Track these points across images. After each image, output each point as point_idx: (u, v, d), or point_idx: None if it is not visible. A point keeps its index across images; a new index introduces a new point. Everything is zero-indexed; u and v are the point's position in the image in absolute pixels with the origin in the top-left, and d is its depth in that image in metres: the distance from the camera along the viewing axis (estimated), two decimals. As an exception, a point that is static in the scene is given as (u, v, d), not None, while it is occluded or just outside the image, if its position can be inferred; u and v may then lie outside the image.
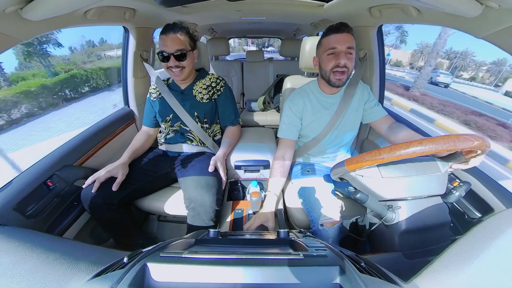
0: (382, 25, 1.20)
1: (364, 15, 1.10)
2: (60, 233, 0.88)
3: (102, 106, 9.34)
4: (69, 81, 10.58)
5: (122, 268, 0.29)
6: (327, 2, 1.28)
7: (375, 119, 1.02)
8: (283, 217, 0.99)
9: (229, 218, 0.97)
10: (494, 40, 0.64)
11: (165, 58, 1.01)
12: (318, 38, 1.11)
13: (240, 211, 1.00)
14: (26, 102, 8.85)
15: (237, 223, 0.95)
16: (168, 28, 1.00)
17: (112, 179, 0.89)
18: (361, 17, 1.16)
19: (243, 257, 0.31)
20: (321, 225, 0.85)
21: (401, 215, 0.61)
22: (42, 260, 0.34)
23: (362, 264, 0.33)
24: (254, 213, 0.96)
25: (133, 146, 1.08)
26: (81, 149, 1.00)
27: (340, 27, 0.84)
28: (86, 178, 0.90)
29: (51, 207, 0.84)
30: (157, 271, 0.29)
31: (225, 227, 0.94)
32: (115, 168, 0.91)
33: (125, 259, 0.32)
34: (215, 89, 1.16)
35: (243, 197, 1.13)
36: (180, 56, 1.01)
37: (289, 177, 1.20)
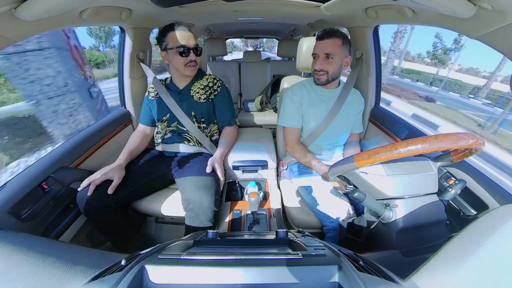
0: (378, 25, 1.21)
1: (360, 16, 1.11)
2: (56, 236, 0.86)
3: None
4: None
5: (120, 271, 0.29)
6: (324, 2, 1.28)
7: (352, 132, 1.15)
8: (281, 217, 1.00)
9: (227, 219, 0.97)
10: (487, 40, 0.65)
11: (184, 53, 1.01)
12: (315, 38, 1.13)
13: (238, 211, 1.00)
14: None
15: (236, 224, 0.95)
16: (183, 25, 1.02)
17: (108, 181, 0.88)
18: (357, 17, 1.17)
19: (242, 257, 0.31)
20: (336, 218, 0.85)
21: (398, 213, 0.62)
22: (38, 264, 0.34)
23: (361, 262, 0.33)
24: (252, 213, 0.96)
25: (129, 147, 1.07)
26: (77, 151, 0.99)
27: (322, 35, 0.94)
28: (82, 180, 0.89)
29: (47, 210, 0.83)
30: (156, 273, 0.29)
31: (224, 227, 0.94)
32: (111, 171, 0.90)
33: (123, 262, 0.32)
34: (212, 89, 1.16)
35: (241, 198, 1.13)
36: (199, 52, 1.05)
37: (287, 176, 1.21)
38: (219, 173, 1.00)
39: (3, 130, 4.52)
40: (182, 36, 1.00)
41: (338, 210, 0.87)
